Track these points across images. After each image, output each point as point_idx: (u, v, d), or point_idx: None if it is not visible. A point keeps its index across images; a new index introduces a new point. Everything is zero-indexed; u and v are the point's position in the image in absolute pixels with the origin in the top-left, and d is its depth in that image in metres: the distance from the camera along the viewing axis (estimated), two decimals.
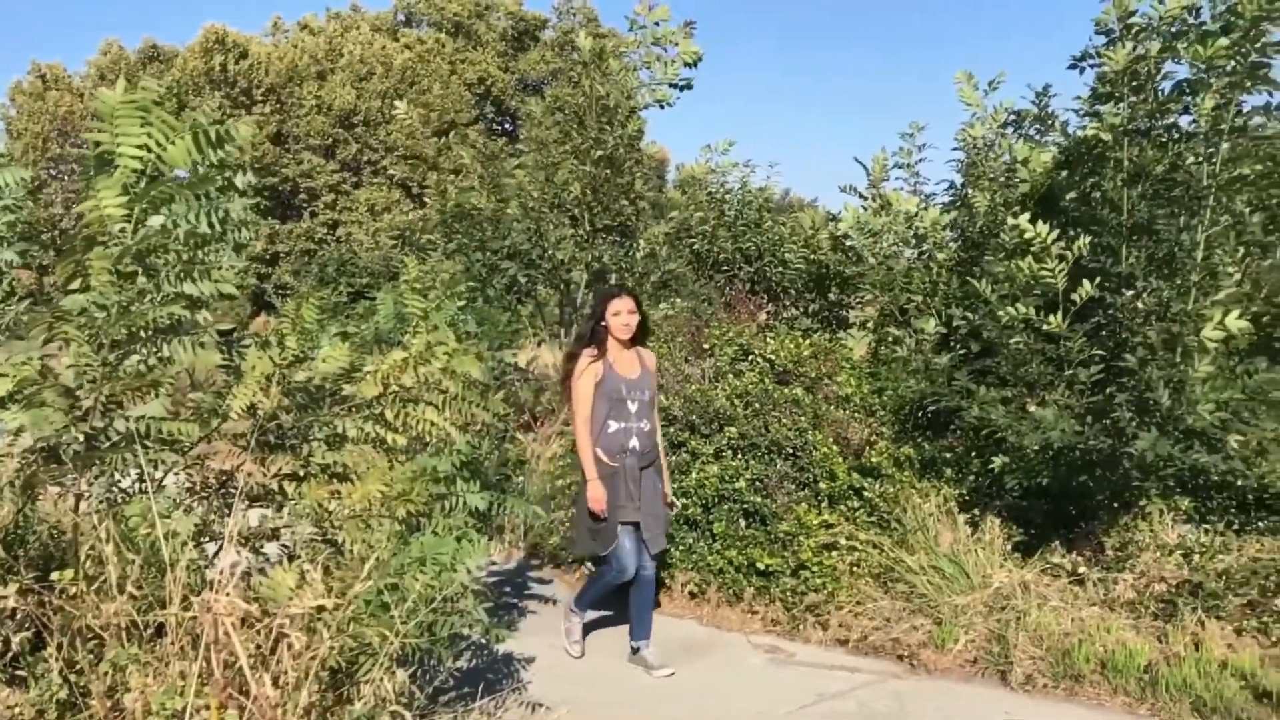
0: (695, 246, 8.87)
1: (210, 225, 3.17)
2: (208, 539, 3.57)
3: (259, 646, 2.80)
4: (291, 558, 3.59)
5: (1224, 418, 4.44)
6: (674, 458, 5.93)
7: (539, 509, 4.66)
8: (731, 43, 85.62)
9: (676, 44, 8.63)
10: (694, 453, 5.92)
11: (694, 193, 9.28)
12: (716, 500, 5.76)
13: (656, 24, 8.55)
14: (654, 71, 8.71)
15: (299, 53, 33.01)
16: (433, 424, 3.89)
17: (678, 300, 8.47)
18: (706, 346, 6.94)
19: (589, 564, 5.00)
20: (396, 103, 9.84)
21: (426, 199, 9.84)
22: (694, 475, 5.80)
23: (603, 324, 4.83)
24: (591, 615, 5.24)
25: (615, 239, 8.93)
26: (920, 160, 7.85)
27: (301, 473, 3.76)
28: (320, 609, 2.85)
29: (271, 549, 3.83)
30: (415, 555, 3.22)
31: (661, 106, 8.73)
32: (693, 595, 5.71)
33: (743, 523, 5.76)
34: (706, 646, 5.16)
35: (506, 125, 34.29)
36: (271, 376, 3.56)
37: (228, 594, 2.75)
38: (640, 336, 4.96)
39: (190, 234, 3.11)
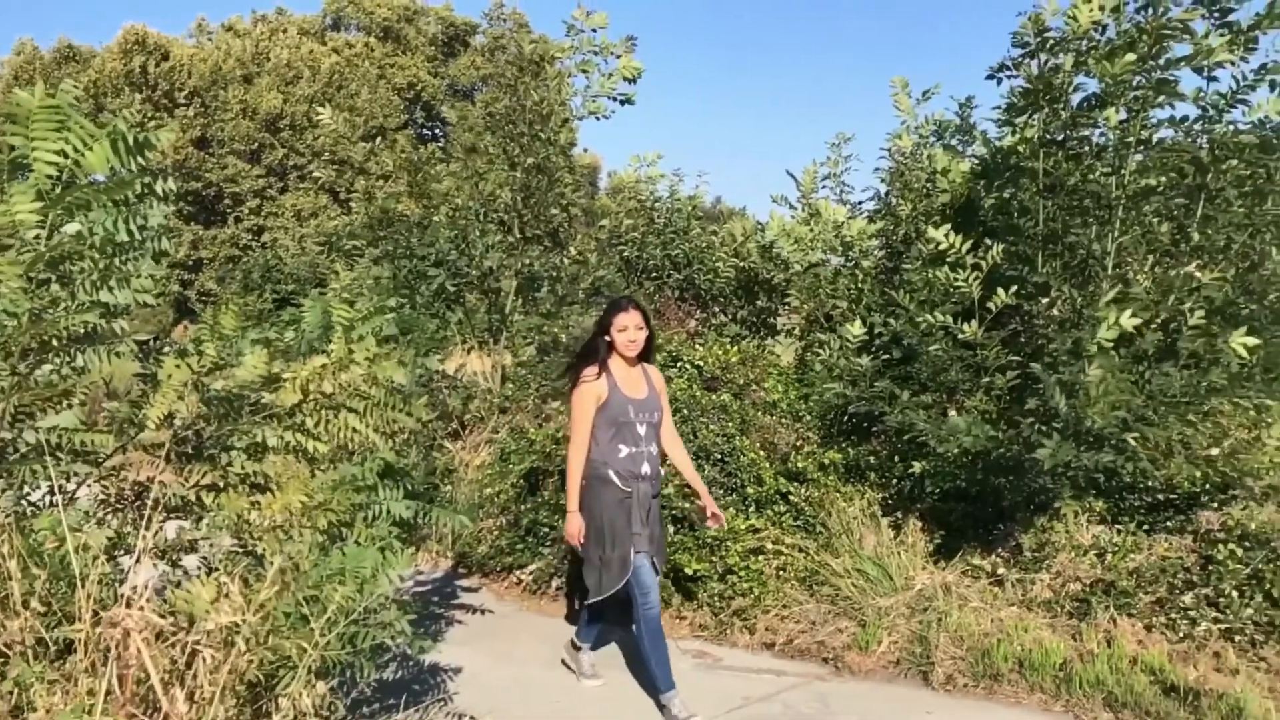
0: (625, 254, 8.91)
1: (129, 233, 3.10)
2: (122, 552, 3.48)
3: (174, 662, 2.74)
4: (210, 570, 3.52)
5: (1122, 416, 4.57)
6: None
7: (465, 518, 4.60)
8: (669, 49, 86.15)
9: (618, 56, 8.57)
10: None
11: (623, 200, 9.31)
12: None
13: (594, 30, 8.51)
14: (590, 80, 8.64)
15: (223, 55, 32.39)
16: (355, 431, 3.85)
17: None
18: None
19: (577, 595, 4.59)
20: (319, 109, 9.71)
21: (353, 204, 9.71)
22: None
23: (606, 339, 4.42)
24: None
25: (546, 246, 8.92)
26: (846, 170, 8.01)
27: (221, 483, 3.69)
28: (238, 622, 2.79)
29: (191, 562, 3.75)
30: (335, 566, 3.17)
31: (597, 119, 8.72)
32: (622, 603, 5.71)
33: (671, 528, 5.77)
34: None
35: (436, 131, 34.04)
36: (189, 385, 3.50)
37: (141, 608, 2.69)
38: (647, 353, 4.55)
39: (107, 240, 3.04)
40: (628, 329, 4.38)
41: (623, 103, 8.62)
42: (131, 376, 3.70)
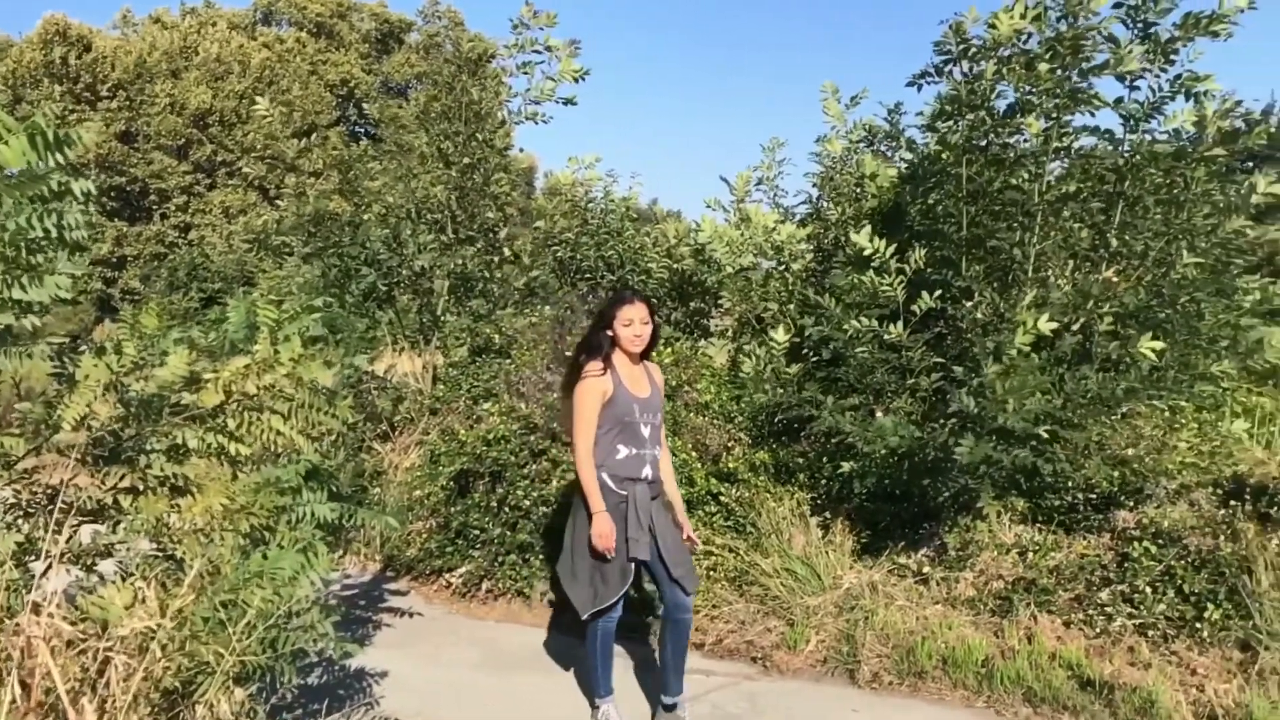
0: (558, 254, 8.88)
1: (45, 230, 3.00)
2: (33, 558, 3.38)
3: (85, 670, 2.67)
4: (125, 576, 3.43)
5: (1035, 413, 4.68)
6: (534, 466, 5.92)
7: (392, 520, 4.55)
8: (610, 50, 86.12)
9: (559, 59, 8.43)
10: (555, 461, 5.91)
11: (558, 201, 9.29)
12: None
13: (542, 29, 8.38)
14: (532, 81, 8.50)
15: (149, 48, 31.63)
16: (279, 433, 3.79)
17: (546, 308, 8.46)
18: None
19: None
20: (258, 99, 9.53)
21: (283, 201, 9.55)
22: (555, 484, 5.80)
23: (609, 333, 4.12)
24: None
25: (480, 246, 8.86)
26: (780, 174, 8.08)
27: (139, 486, 3.60)
28: (152, 628, 2.73)
29: (108, 567, 3.65)
30: (255, 569, 3.11)
31: (536, 123, 8.64)
32: (552, 604, 5.70)
33: None
34: (565, 655, 5.16)
35: (370, 129, 33.61)
36: (107, 386, 3.41)
37: (50, 615, 2.61)
38: (649, 349, 4.26)
39: (18, 235, 2.95)
40: (633, 322, 4.07)
41: (565, 103, 8.57)
42: (47, 376, 3.60)
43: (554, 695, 4.64)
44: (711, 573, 5.58)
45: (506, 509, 5.85)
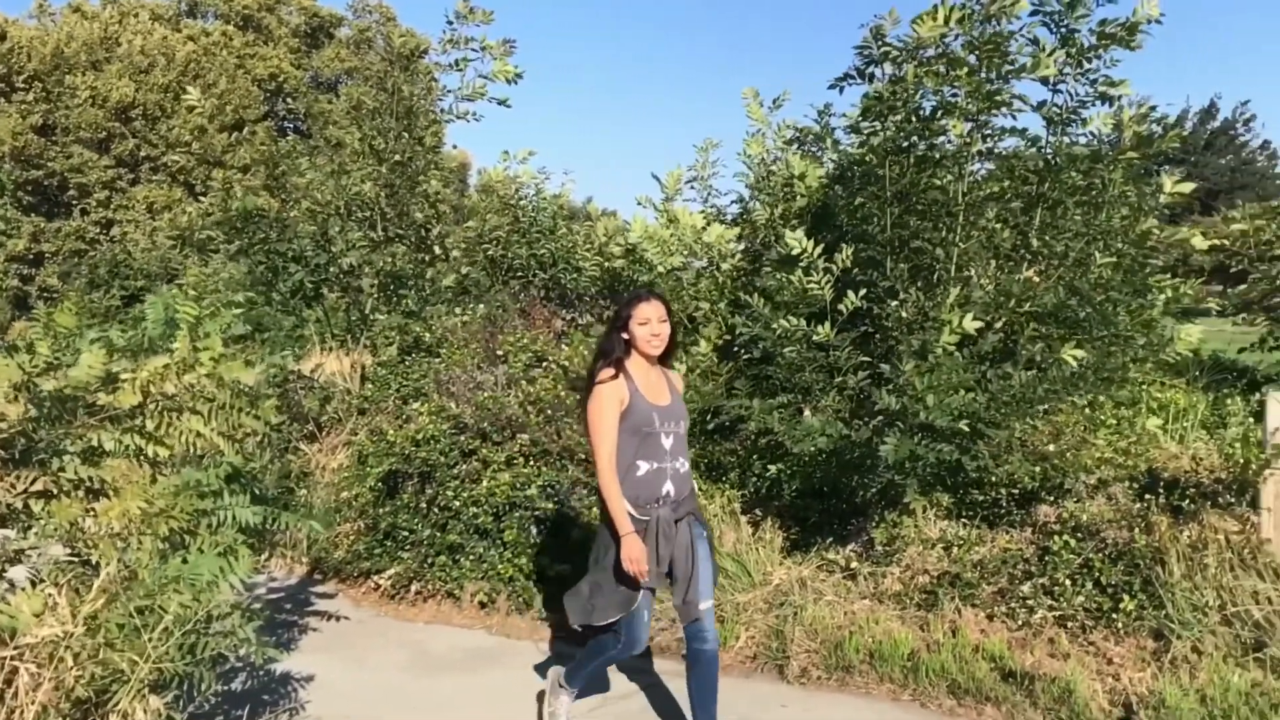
0: (490, 252, 8.82)
1: None
2: None
3: None
4: (36, 582, 3.33)
5: (957, 410, 4.77)
6: (464, 466, 5.87)
7: (317, 524, 4.47)
8: (548, 49, 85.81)
9: (494, 57, 8.33)
10: (485, 461, 5.87)
11: (490, 199, 9.22)
12: (508, 508, 5.73)
13: (478, 25, 8.27)
14: (465, 79, 8.39)
15: (67, 38, 30.71)
16: (199, 434, 3.71)
17: (479, 306, 8.39)
18: (500, 353, 6.91)
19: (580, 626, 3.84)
20: (188, 88, 9.31)
21: (209, 197, 9.35)
22: (485, 484, 5.76)
23: (625, 335, 3.79)
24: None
25: (411, 244, 8.76)
26: (714, 174, 8.10)
27: (53, 489, 3.50)
28: (62, 636, 2.65)
29: (20, 574, 3.53)
30: (172, 574, 3.04)
31: (468, 121, 8.56)
32: (482, 605, 5.67)
33: (534, 530, 5.76)
34: (495, 656, 5.13)
35: (299, 124, 33.05)
36: (18, 385, 3.31)
37: None
38: (668, 352, 3.91)
39: None
40: (650, 322, 3.75)
41: (499, 104, 8.49)
42: None
43: (483, 697, 4.61)
44: None
45: (436, 510, 5.80)
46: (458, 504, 5.73)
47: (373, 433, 6.88)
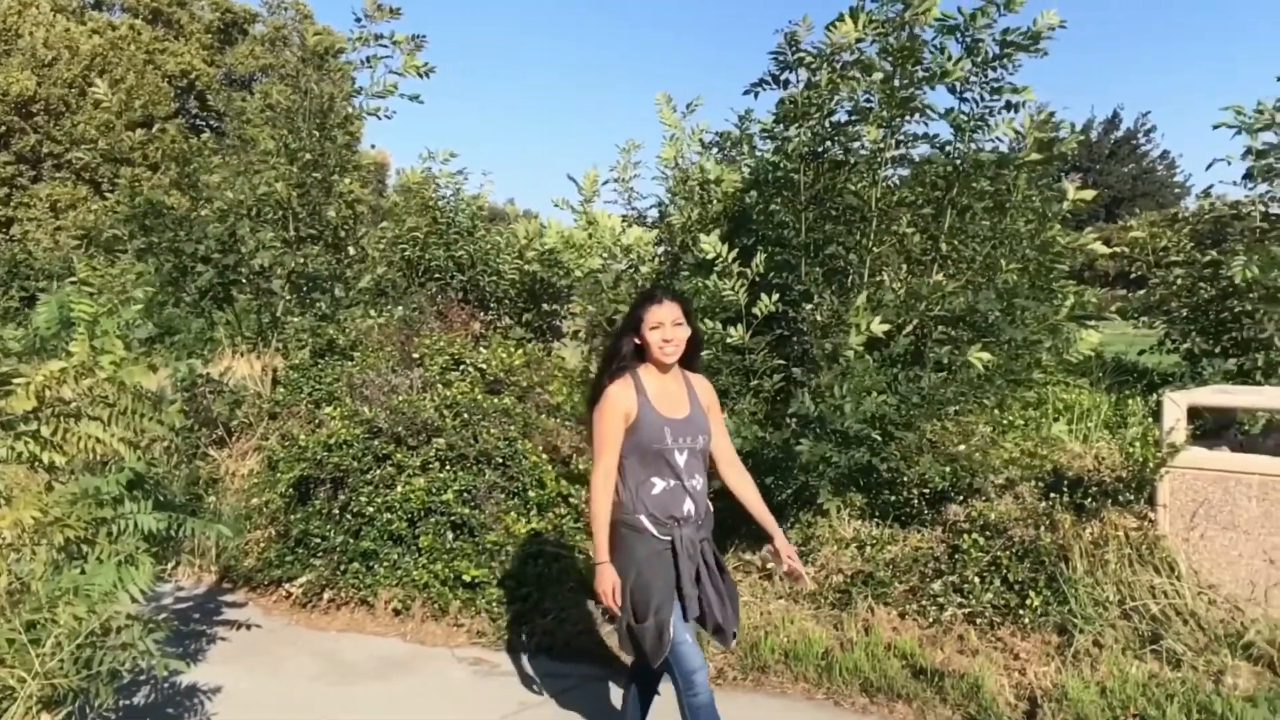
0: (407, 253, 8.70)
1: None
2: None
3: None
4: None
5: (870, 415, 4.85)
6: (378, 471, 5.78)
7: (225, 529, 4.35)
8: (471, 49, 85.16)
9: (404, 53, 8.23)
10: (400, 465, 5.79)
11: (407, 199, 9.10)
12: (423, 514, 5.66)
13: (386, 21, 8.17)
14: (375, 75, 8.29)
15: None
16: (98, 441, 3.59)
17: (398, 309, 8.27)
18: (416, 356, 6.83)
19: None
20: (96, 81, 9.00)
21: (116, 195, 9.07)
22: (399, 489, 5.67)
23: (634, 340, 3.44)
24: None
25: (327, 244, 8.61)
26: (635, 176, 8.11)
27: None
28: None
29: None
30: (67, 585, 2.93)
31: (379, 118, 8.45)
32: (397, 612, 5.57)
33: (450, 535, 5.69)
34: (409, 663, 5.05)
35: (211, 122, 32.25)
36: None
37: None
38: (689, 358, 3.55)
39: None
40: (662, 325, 3.37)
41: (411, 99, 8.39)
42: None
43: (397, 704, 4.54)
44: (562, 575, 5.57)
45: (349, 516, 5.70)
46: (371, 510, 5.63)
47: (284, 437, 6.74)
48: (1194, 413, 5.06)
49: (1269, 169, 6.98)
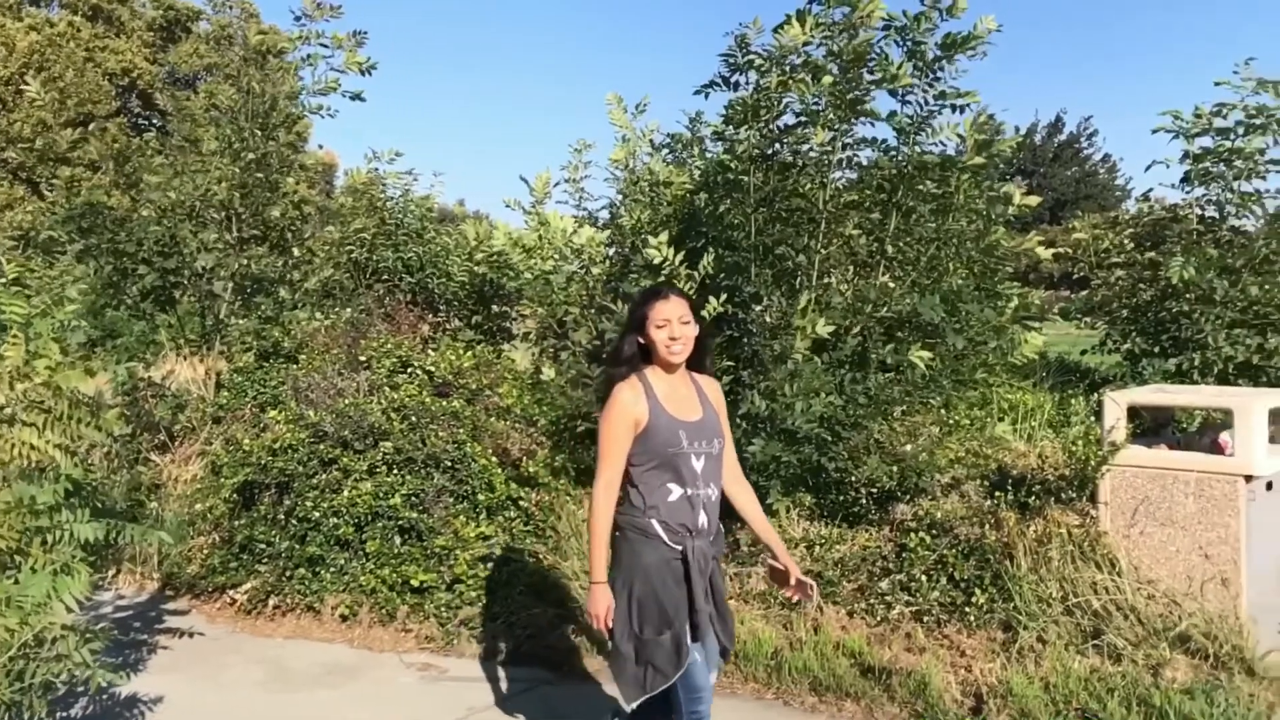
0: (354, 255, 8.60)
1: None
2: None
3: None
4: None
5: (819, 414, 4.88)
6: (324, 476, 5.70)
7: (167, 536, 4.26)
8: (424, 48, 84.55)
9: (345, 50, 8.15)
10: (346, 470, 5.72)
11: (354, 200, 9.00)
12: (370, 518, 5.60)
13: (326, 20, 8.08)
14: (315, 73, 8.20)
15: None
16: (32, 447, 3.50)
17: (346, 311, 8.17)
18: (363, 359, 6.75)
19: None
20: (28, 79, 8.81)
21: (54, 195, 8.87)
22: (346, 493, 5.60)
23: (639, 339, 3.24)
24: None
25: (273, 245, 8.48)
26: (586, 176, 8.06)
27: None
28: None
29: None
30: None
31: (322, 116, 8.36)
32: (344, 618, 5.50)
33: (398, 540, 5.63)
34: (356, 669, 4.99)
35: (154, 121, 31.66)
36: None
37: None
38: (699, 358, 3.34)
39: None
40: (669, 323, 3.17)
41: (353, 98, 8.31)
42: None
43: (343, 711, 4.48)
44: (511, 579, 5.54)
45: (294, 521, 5.62)
46: (317, 515, 5.56)
47: (228, 442, 6.63)
48: (1134, 412, 5.15)
49: (1205, 173, 7.13)
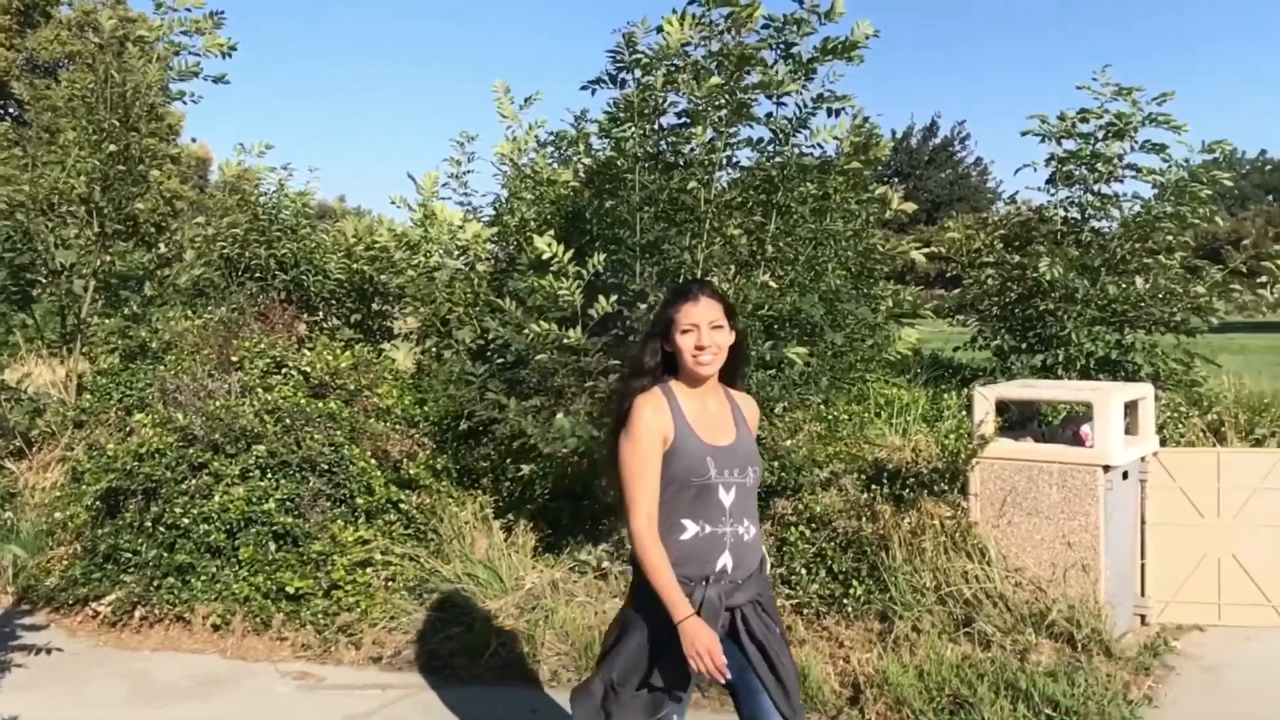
0: (226, 252, 8.30)
1: None
2: None
3: None
4: None
5: None
6: (193, 481, 5.49)
7: (17, 549, 4.03)
8: (310, 42, 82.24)
9: (204, 32, 7.91)
10: (217, 474, 5.51)
11: (223, 196, 8.69)
12: (243, 524, 5.41)
13: (188, 9, 7.81)
14: (180, 60, 7.92)
15: None
16: None
17: (219, 309, 7.88)
18: (235, 359, 6.52)
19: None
20: None
21: None
22: (217, 499, 5.40)
23: (664, 346, 2.75)
24: None
25: (141, 241, 8.13)
26: (470, 172, 7.95)
27: None
28: None
29: None
30: None
31: (185, 102, 8.07)
32: (216, 628, 5.30)
33: (272, 546, 5.45)
34: (230, 680, 4.82)
35: (11, 111, 30.06)
36: None
37: None
38: (731, 371, 2.85)
39: None
40: (696, 329, 2.67)
41: (216, 81, 8.04)
42: None
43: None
44: (390, 583, 5.43)
45: (163, 529, 5.39)
46: (187, 521, 5.34)
47: (91, 447, 6.33)
48: (1002, 406, 5.35)
49: (1069, 175, 7.43)
